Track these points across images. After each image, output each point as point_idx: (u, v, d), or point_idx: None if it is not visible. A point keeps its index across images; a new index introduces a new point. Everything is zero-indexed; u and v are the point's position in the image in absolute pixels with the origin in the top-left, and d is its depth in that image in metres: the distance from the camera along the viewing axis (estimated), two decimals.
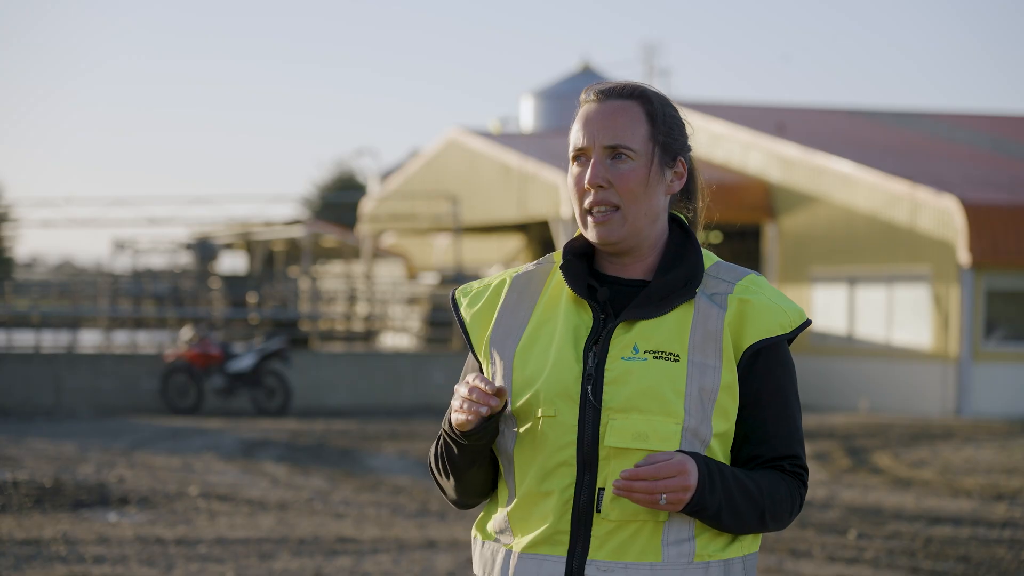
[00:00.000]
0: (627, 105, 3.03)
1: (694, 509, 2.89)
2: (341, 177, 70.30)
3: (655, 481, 2.84)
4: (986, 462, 17.83)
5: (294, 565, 10.47)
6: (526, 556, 2.98)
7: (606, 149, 3.01)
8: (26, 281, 47.42)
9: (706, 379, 2.95)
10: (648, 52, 60.72)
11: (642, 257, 3.05)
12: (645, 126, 3.02)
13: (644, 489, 2.84)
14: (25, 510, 12.91)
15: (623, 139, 3.00)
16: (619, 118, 3.02)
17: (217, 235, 41.79)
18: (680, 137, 3.08)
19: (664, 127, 3.04)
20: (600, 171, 3.00)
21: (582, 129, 3.04)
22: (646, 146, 3.01)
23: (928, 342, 26.50)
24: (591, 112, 3.04)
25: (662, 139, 3.04)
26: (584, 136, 3.03)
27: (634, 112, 3.03)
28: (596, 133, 3.02)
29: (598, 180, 3.00)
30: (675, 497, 2.85)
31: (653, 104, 3.05)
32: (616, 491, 2.85)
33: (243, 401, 25.35)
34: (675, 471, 2.84)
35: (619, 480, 2.85)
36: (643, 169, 3.01)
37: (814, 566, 10.81)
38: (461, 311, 3.14)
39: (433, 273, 38.48)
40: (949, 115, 37.97)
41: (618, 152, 3.00)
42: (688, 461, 2.87)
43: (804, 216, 29.77)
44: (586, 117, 3.05)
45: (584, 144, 3.03)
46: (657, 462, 2.84)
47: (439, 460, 3.09)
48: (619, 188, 2.99)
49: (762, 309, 3.00)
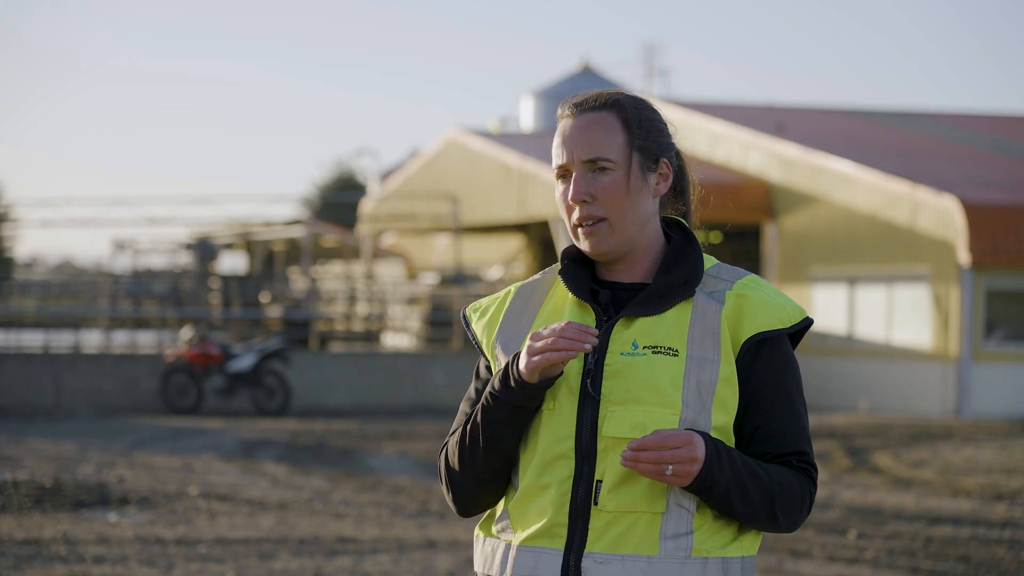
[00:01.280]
0: (601, 116, 3.04)
1: (703, 485, 2.88)
2: (341, 177, 70.28)
3: (661, 451, 2.84)
4: (986, 462, 17.83)
5: (294, 565, 10.47)
6: (524, 549, 2.98)
7: (585, 164, 3.03)
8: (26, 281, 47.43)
9: (704, 372, 2.96)
10: (648, 52, 60.78)
11: (637, 262, 3.07)
12: (621, 134, 3.03)
13: (651, 459, 2.83)
14: (25, 510, 12.91)
15: (600, 151, 3.02)
16: (594, 131, 3.03)
17: (217, 235, 41.77)
18: (660, 138, 3.09)
19: (641, 131, 3.05)
20: (582, 186, 3.02)
21: (561, 146, 3.06)
22: (624, 154, 3.03)
23: (928, 342, 26.50)
24: (568, 128, 3.06)
25: (640, 144, 3.04)
26: (564, 153, 3.05)
27: (609, 122, 3.04)
28: (574, 148, 3.03)
29: (581, 196, 3.01)
30: (682, 469, 2.85)
31: (627, 111, 3.06)
32: (623, 462, 2.84)
33: (243, 401, 25.35)
34: (682, 441, 2.84)
35: (626, 451, 2.84)
36: (623, 178, 3.02)
37: (814, 566, 10.82)
38: (472, 326, 3.16)
39: (433, 273, 38.48)
40: (949, 115, 37.97)
41: (597, 165, 3.02)
42: (694, 435, 2.87)
43: (804, 216, 29.78)
44: (564, 133, 3.06)
45: (564, 161, 3.05)
46: (663, 433, 2.85)
47: (465, 443, 3.02)
48: (602, 200, 3.01)
49: (760, 304, 3.01)
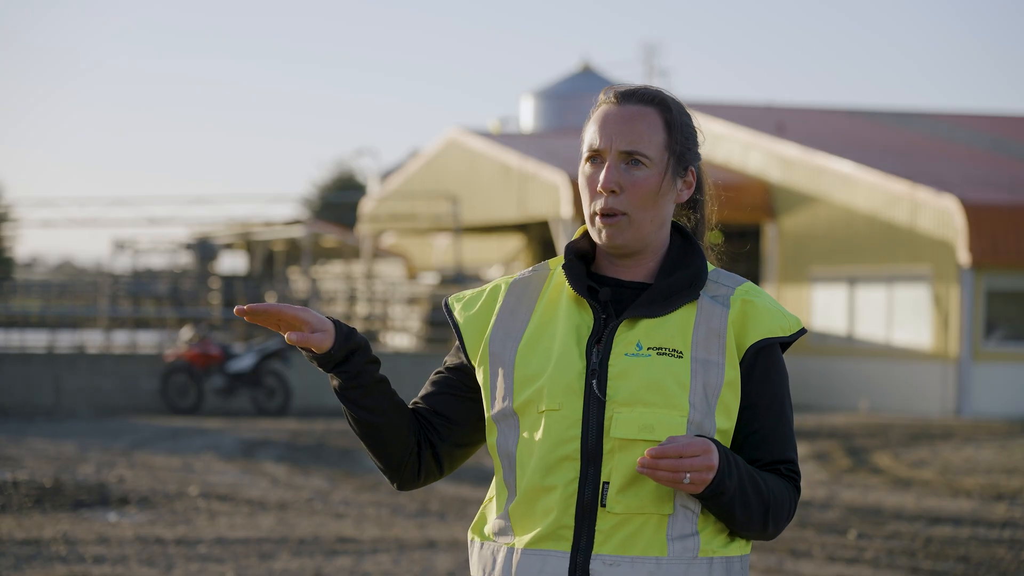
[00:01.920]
0: (646, 111, 3.02)
1: (713, 492, 2.88)
2: (341, 177, 70.26)
3: (680, 459, 2.83)
4: (986, 462, 17.83)
5: (294, 565, 10.47)
6: (529, 552, 2.96)
7: (622, 154, 3.00)
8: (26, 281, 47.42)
9: (710, 375, 2.96)
10: (648, 52, 60.67)
11: (644, 261, 3.06)
12: (662, 134, 3.01)
13: (670, 467, 2.83)
14: (25, 510, 12.90)
15: (640, 146, 2.99)
16: (638, 124, 3.00)
17: (217, 235, 41.78)
18: (694, 147, 3.08)
19: (681, 137, 3.04)
20: (614, 175, 2.99)
21: (599, 131, 3.02)
22: (662, 154, 3.01)
23: (928, 342, 26.50)
24: (609, 114, 3.03)
25: (678, 149, 3.03)
26: (601, 138, 3.01)
27: (653, 119, 3.01)
28: (614, 136, 3.00)
29: (611, 184, 2.99)
30: (699, 477, 2.84)
31: (672, 112, 3.04)
32: (640, 469, 2.83)
33: (243, 401, 25.35)
34: (700, 450, 2.84)
35: (644, 458, 2.83)
36: (657, 177, 3.00)
37: (814, 566, 10.81)
38: (455, 315, 3.14)
39: (433, 273, 38.47)
40: (949, 115, 37.96)
41: (634, 158, 2.99)
42: (710, 443, 2.87)
43: (804, 216, 29.77)
44: (604, 118, 3.03)
45: (600, 146, 3.01)
46: (680, 441, 2.84)
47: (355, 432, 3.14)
48: (631, 194, 2.99)
49: (764, 311, 3.02)
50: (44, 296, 36.95)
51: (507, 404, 3.00)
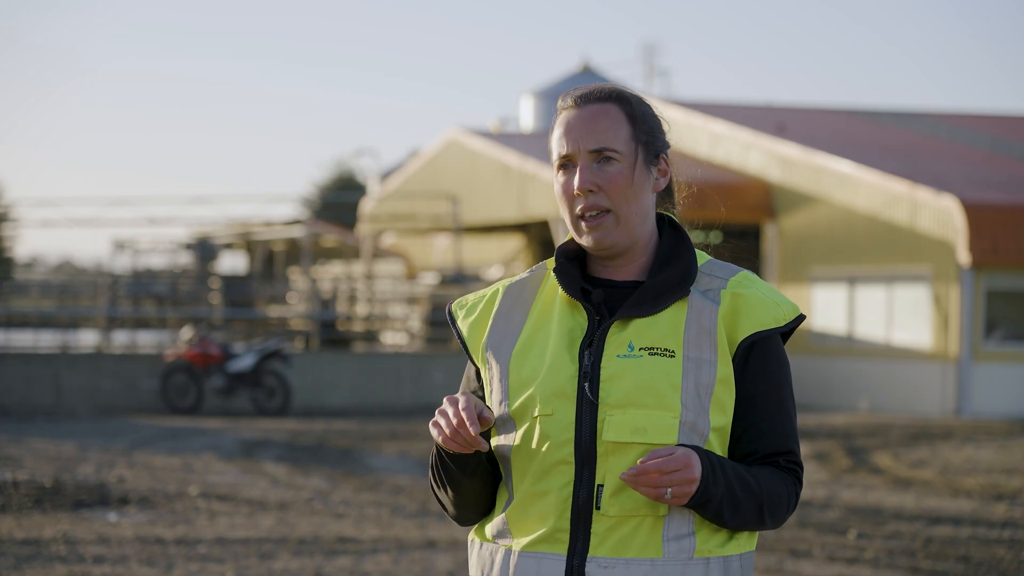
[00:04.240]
0: (606, 107, 3.04)
1: (699, 502, 2.89)
2: (341, 177, 70.28)
3: (660, 475, 2.84)
4: (986, 462, 17.83)
5: (294, 565, 10.47)
6: (526, 555, 2.97)
7: (592, 153, 3.02)
8: (26, 281, 47.42)
9: (702, 374, 2.96)
10: (648, 52, 60.56)
11: (634, 258, 3.07)
12: (627, 127, 3.04)
13: (650, 483, 2.84)
14: (25, 510, 12.91)
15: (607, 141, 3.01)
16: (601, 121, 3.03)
17: (217, 235, 41.76)
18: (660, 135, 3.10)
19: (645, 126, 3.06)
20: (588, 175, 3.01)
21: (565, 136, 3.04)
22: (630, 146, 3.03)
23: (928, 342, 26.51)
24: (571, 118, 3.05)
25: (644, 138, 3.05)
26: (568, 143, 3.04)
27: (615, 114, 3.04)
28: (580, 139, 3.02)
29: (587, 185, 3.00)
30: (680, 491, 2.86)
31: (631, 104, 3.06)
32: (625, 481, 2.85)
33: (243, 401, 25.35)
34: (680, 465, 2.85)
35: (624, 474, 2.85)
36: (629, 169, 3.02)
37: (814, 566, 10.81)
38: (458, 323, 3.16)
39: (433, 273, 38.47)
40: (949, 115, 37.96)
41: (604, 155, 3.01)
42: (691, 455, 2.87)
43: (804, 216, 29.78)
44: (567, 124, 3.05)
45: (569, 151, 3.03)
46: (660, 456, 2.85)
47: (435, 472, 3.09)
48: (608, 191, 3.01)
49: (755, 302, 3.01)
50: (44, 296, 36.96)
51: (503, 409, 3.01)
